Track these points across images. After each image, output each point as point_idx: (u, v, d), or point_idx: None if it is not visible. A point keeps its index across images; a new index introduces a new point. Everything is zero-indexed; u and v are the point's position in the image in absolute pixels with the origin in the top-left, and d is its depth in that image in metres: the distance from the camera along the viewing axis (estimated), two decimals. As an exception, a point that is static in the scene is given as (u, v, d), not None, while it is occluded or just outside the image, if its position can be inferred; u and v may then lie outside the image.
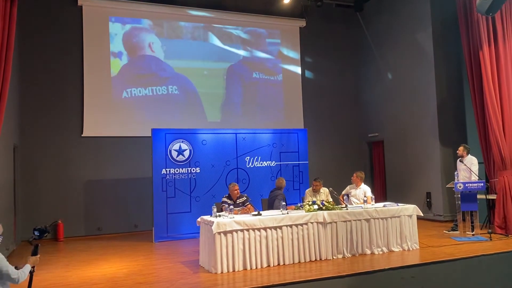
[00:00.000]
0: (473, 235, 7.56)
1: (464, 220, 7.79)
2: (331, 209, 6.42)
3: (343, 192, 7.76)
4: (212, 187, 8.93)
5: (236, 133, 9.35)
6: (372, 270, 5.58)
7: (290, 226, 6.09)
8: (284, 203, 6.58)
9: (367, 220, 6.52)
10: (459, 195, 7.71)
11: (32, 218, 9.01)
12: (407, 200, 8.42)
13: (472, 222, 7.71)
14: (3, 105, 5.89)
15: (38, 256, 3.59)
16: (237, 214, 6.30)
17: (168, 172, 8.62)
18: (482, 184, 7.55)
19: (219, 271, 5.64)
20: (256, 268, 5.84)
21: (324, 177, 8.32)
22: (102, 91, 9.78)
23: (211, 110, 10.78)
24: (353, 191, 7.68)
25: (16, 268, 3.42)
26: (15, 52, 6.67)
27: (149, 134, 8.74)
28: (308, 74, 12.02)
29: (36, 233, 3.61)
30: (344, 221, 6.38)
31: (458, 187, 7.53)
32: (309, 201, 6.76)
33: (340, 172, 10.88)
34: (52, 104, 9.43)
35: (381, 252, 6.53)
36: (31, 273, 3.55)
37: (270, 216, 6.08)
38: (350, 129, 12.30)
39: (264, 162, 9.49)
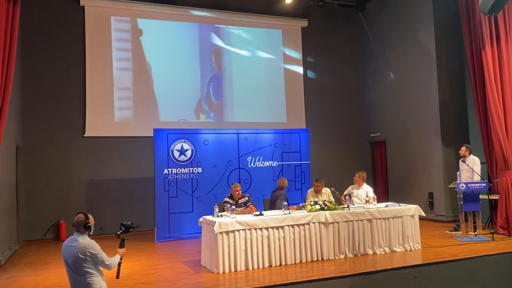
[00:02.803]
0: (475, 235, 7.54)
1: (466, 220, 7.77)
2: (333, 209, 6.41)
3: (345, 192, 7.76)
4: (214, 187, 8.94)
5: (238, 133, 9.35)
6: (374, 270, 5.57)
7: (292, 226, 6.09)
8: (286, 203, 6.58)
9: (369, 220, 6.52)
10: (462, 195, 7.68)
11: (34, 218, 9.05)
12: (409, 200, 8.41)
13: (474, 222, 7.69)
14: (6, 105, 5.90)
15: (125, 249, 3.92)
16: (239, 214, 6.30)
17: (170, 172, 8.63)
18: (484, 184, 7.52)
19: (221, 271, 5.65)
20: (258, 268, 5.84)
21: (326, 177, 8.31)
22: (104, 91, 9.79)
23: (213, 110, 10.80)
24: (355, 191, 7.68)
25: None
26: (17, 52, 6.67)
27: (151, 134, 8.76)
28: (310, 74, 12.01)
29: (122, 227, 3.91)
30: (346, 221, 6.37)
31: (461, 187, 7.51)
32: (311, 201, 6.76)
33: (342, 172, 10.87)
34: (54, 104, 9.45)
35: (383, 252, 6.53)
36: (119, 264, 3.87)
37: (272, 216, 6.09)
38: (352, 129, 12.28)
39: (266, 162, 9.49)
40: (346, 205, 6.77)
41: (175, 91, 10.42)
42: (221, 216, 6.10)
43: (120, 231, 3.94)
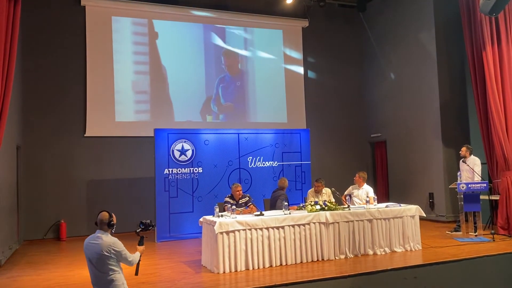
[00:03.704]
0: (476, 235, 7.54)
1: (467, 220, 7.77)
2: (333, 210, 6.41)
3: (346, 193, 7.76)
4: (214, 187, 8.94)
5: (238, 133, 9.35)
6: (374, 270, 5.57)
7: (292, 226, 6.09)
8: (286, 203, 6.57)
9: (370, 221, 6.52)
10: (462, 196, 7.68)
11: (35, 217, 9.05)
12: (409, 201, 8.42)
13: (475, 223, 7.69)
14: (7, 105, 5.90)
15: (144, 246, 4.01)
16: (239, 214, 6.30)
17: (170, 172, 8.63)
18: (485, 185, 7.52)
19: (221, 271, 5.65)
20: (258, 268, 5.84)
21: (326, 177, 8.31)
22: (105, 91, 9.79)
23: (213, 110, 10.81)
24: (355, 192, 7.68)
25: None
26: (18, 52, 6.68)
27: (152, 134, 8.76)
28: (310, 74, 12.01)
29: (141, 226, 4.01)
30: (346, 222, 6.37)
31: (461, 187, 7.51)
32: (311, 201, 6.76)
33: (342, 172, 10.86)
34: (55, 104, 9.45)
35: (383, 253, 6.53)
36: (138, 261, 3.95)
37: (272, 216, 6.09)
38: (352, 129, 12.28)
39: (267, 162, 9.49)
40: (346, 205, 6.77)
41: (180, 93, 10.44)
42: (222, 216, 6.10)
43: (140, 229, 4.02)
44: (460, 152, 8.12)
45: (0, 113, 5.81)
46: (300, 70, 11.82)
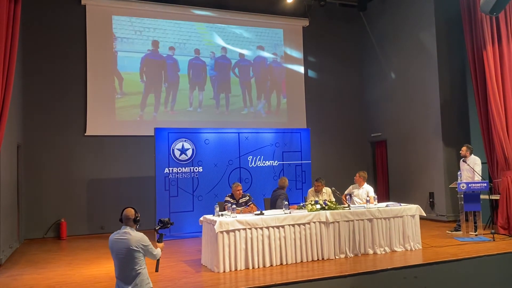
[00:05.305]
0: (476, 235, 7.54)
1: (467, 220, 7.77)
2: (333, 209, 6.41)
3: (346, 192, 7.76)
4: (214, 186, 8.94)
5: (238, 133, 9.35)
6: (374, 270, 5.57)
7: (293, 225, 6.09)
8: (286, 202, 6.57)
9: (370, 220, 6.52)
10: (462, 195, 7.68)
11: (35, 216, 9.06)
12: (410, 200, 8.42)
13: (475, 223, 7.69)
14: (7, 104, 5.91)
15: (163, 243, 4.15)
16: (239, 213, 6.30)
17: (170, 171, 8.64)
18: (485, 184, 7.52)
19: (221, 270, 5.65)
20: (259, 267, 5.85)
21: (326, 176, 8.31)
22: (105, 90, 9.79)
23: (214, 110, 10.81)
24: (355, 191, 7.68)
25: None
26: (18, 52, 6.69)
27: (152, 133, 8.77)
28: (311, 73, 12.01)
29: (159, 223, 4.15)
30: (346, 221, 6.37)
31: (461, 187, 7.51)
32: (311, 201, 6.76)
33: (343, 171, 10.86)
34: (56, 103, 9.45)
35: (383, 252, 6.53)
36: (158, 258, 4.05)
37: (272, 216, 6.09)
38: (353, 129, 12.28)
39: (267, 162, 9.49)
40: (346, 205, 6.76)
41: (180, 92, 10.44)
42: (222, 215, 6.11)
43: (158, 227, 4.12)
44: (460, 152, 8.12)
45: (0, 112, 5.82)
46: (301, 69, 11.82)
